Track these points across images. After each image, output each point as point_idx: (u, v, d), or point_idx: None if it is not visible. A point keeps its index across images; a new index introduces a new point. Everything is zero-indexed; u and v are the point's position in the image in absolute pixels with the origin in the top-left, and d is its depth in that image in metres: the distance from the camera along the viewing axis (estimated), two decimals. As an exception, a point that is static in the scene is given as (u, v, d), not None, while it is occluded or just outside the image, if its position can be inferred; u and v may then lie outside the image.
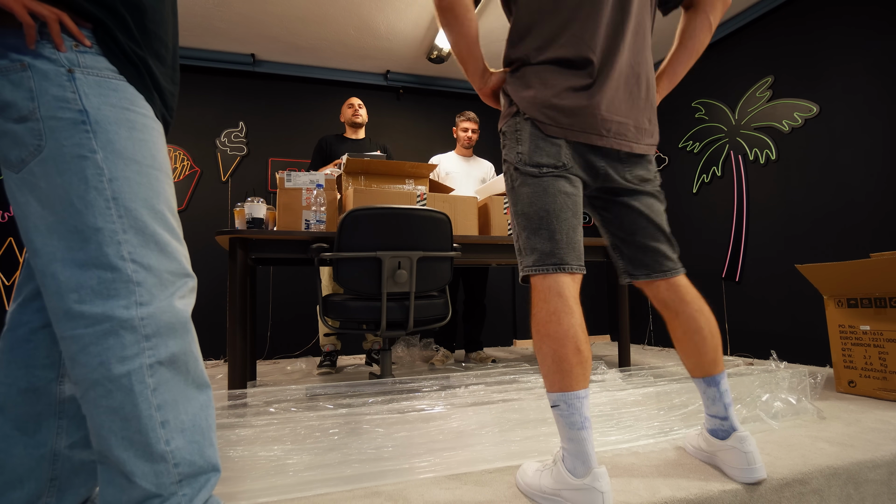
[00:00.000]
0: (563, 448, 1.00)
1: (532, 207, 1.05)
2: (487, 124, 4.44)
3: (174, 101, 0.93)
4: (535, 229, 1.05)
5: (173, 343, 0.78)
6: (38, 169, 0.73)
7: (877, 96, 2.57)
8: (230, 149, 3.82)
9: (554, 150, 1.04)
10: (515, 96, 1.09)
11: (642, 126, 1.12)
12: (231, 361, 1.91)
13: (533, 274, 1.05)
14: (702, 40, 1.19)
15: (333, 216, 2.16)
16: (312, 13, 3.29)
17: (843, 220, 2.70)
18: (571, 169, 1.06)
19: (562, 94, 1.04)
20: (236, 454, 1.12)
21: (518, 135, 1.07)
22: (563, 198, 1.05)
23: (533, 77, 1.07)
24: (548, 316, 1.00)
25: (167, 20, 0.90)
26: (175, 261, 0.82)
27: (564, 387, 0.97)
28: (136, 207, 0.78)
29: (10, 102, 0.73)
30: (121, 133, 0.77)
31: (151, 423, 0.75)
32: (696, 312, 1.14)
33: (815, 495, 1.14)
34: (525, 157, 1.05)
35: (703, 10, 1.17)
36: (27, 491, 0.84)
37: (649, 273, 1.17)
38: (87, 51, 0.77)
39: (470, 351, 3.27)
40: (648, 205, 1.16)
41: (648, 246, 1.16)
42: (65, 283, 0.73)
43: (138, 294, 0.76)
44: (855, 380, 2.02)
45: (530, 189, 1.05)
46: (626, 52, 1.08)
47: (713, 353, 1.14)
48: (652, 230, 1.16)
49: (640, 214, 1.15)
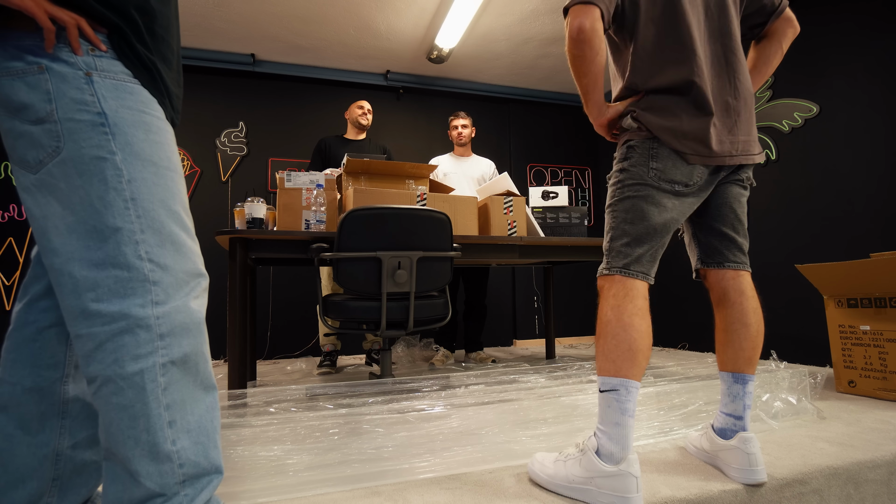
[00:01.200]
0: (604, 433, 1.03)
1: (644, 222, 1.12)
2: (483, 124, 4.45)
3: (180, 104, 0.95)
4: (637, 241, 1.12)
5: (186, 343, 0.79)
6: (58, 170, 0.75)
7: (877, 96, 2.57)
8: (230, 149, 3.83)
9: (688, 171, 1.13)
10: (650, 124, 1.14)
11: (753, 138, 1.21)
12: (231, 361, 1.91)
13: (619, 274, 1.12)
14: (774, 65, 1.30)
15: (333, 216, 2.16)
16: (312, 13, 3.29)
17: (844, 220, 2.70)
18: (698, 185, 1.15)
19: (698, 126, 1.12)
20: (236, 454, 1.12)
21: (654, 153, 1.13)
22: (671, 223, 1.14)
23: (664, 106, 1.14)
24: (634, 310, 1.07)
25: (172, 24, 0.91)
26: (190, 260, 0.83)
27: (630, 374, 1.03)
28: (153, 208, 0.79)
29: (27, 104, 0.74)
30: (138, 135, 0.79)
31: (160, 422, 0.75)
32: (750, 308, 1.19)
33: (815, 495, 1.14)
34: (661, 174, 1.13)
35: (778, 39, 1.27)
36: (29, 490, 0.84)
37: (721, 262, 1.23)
38: (103, 55, 0.78)
39: (470, 351, 3.27)
40: (737, 196, 1.23)
41: (727, 235, 1.22)
42: (82, 282, 0.74)
43: (154, 293, 0.77)
44: (855, 380, 2.02)
45: (649, 206, 1.13)
46: (735, 78, 1.18)
47: (752, 351, 1.17)
48: (734, 221, 1.22)
49: (726, 204, 1.22)
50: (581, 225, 2.60)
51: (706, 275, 1.26)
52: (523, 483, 1.14)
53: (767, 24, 1.25)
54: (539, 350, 3.88)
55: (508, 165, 4.47)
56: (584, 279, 4.53)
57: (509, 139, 4.52)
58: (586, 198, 4.73)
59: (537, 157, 4.58)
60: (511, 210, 2.43)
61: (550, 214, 2.59)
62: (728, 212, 1.22)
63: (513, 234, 2.42)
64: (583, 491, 1.02)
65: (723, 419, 1.20)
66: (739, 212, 1.23)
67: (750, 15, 1.26)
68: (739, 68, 1.19)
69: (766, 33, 1.28)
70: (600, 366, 1.07)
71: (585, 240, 2.50)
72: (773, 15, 1.24)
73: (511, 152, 4.50)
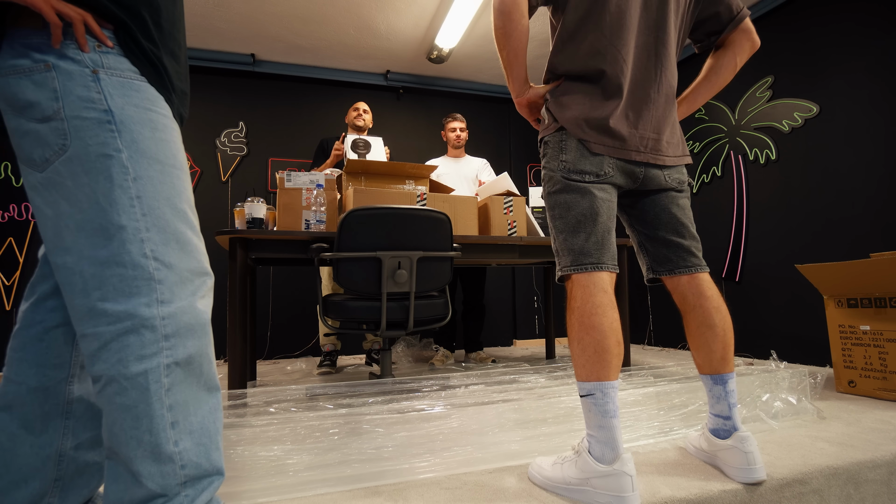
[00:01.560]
0: (591, 437, 1.03)
1: (571, 212, 1.12)
2: (483, 124, 4.45)
3: (187, 100, 0.95)
4: (573, 231, 1.11)
5: (191, 344, 0.79)
6: (64, 168, 0.74)
7: (877, 95, 2.57)
8: (230, 149, 3.83)
9: (597, 161, 1.12)
10: (559, 115, 1.15)
11: (673, 141, 1.20)
12: (231, 361, 1.91)
13: (574, 273, 1.11)
14: (725, 77, 1.26)
15: (333, 216, 2.16)
16: (312, 13, 3.29)
17: (844, 220, 2.70)
18: (612, 178, 1.14)
19: (603, 114, 1.11)
20: (236, 454, 1.12)
21: (563, 145, 1.14)
22: (599, 202, 1.12)
23: (574, 95, 1.14)
24: (593, 309, 1.05)
25: (179, 20, 0.91)
26: (195, 259, 0.83)
27: (602, 376, 1.02)
28: (158, 206, 0.79)
29: (33, 102, 0.74)
30: (144, 133, 0.79)
31: (162, 423, 0.75)
32: (712, 308, 1.17)
33: (815, 495, 1.14)
34: (570, 166, 1.13)
35: (733, 51, 1.23)
36: (31, 490, 0.84)
37: (672, 269, 1.21)
38: (110, 52, 0.78)
39: (470, 351, 3.27)
40: (673, 200, 1.21)
41: (672, 241, 1.21)
42: (90, 280, 0.74)
43: (159, 292, 0.77)
44: (855, 380, 2.02)
45: (570, 195, 1.12)
46: (661, 73, 1.16)
47: (723, 351, 1.16)
48: (676, 226, 1.21)
49: (664, 210, 1.20)
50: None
51: (664, 281, 1.25)
52: (523, 483, 1.14)
53: (723, 34, 1.22)
54: (539, 350, 3.88)
55: (508, 165, 4.47)
56: (584, 279, 4.53)
57: (509, 139, 4.52)
58: (586, 198, 4.73)
59: (537, 157, 4.58)
60: (511, 210, 2.43)
61: (550, 214, 2.59)
62: (668, 217, 1.20)
63: (513, 234, 2.42)
64: (580, 492, 1.03)
65: (713, 420, 1.20)
66: (680, 215, 1.21)
67: (704, 21, 1.23)
68: (668, 64, 1.17)
69: (721, 42, 1.25)
70: (576, 371, 1.07)
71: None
72: (728, 25, 1.21)
73: (511, 152, 4.50)
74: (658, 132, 1.16)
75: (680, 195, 1.22)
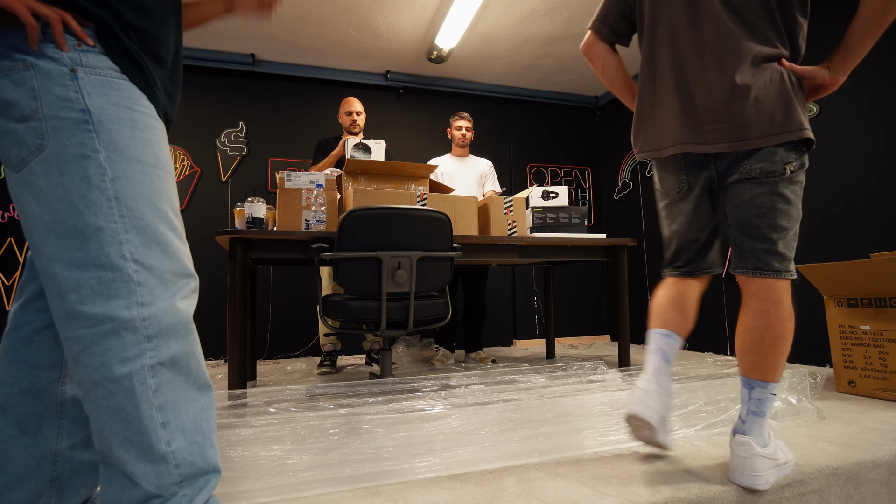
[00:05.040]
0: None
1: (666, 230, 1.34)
2: (484, 124, 4.45)
3: (177, 100, 0.93)
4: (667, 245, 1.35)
5: (175, 344, 0.78)
6: (39, 168, 0.73)
7: (877, 96, 2.57)
8: (230, 149, 3.82)
9: (672, 179, 1.25)
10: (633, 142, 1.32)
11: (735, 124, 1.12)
12: (231, 361, 1.91)
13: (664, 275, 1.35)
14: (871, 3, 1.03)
15: (333, 216, 2.16)
16: (312, 13, 3.29)
17: (844, 220, 2.70)
18: (687, 185, 1.23)
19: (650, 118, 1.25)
20: (236, 454, 1.12)
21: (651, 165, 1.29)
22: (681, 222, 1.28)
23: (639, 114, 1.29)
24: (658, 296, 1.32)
25: (168, 20, 0.89)
26: (177, 261, 0.82)
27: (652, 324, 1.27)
28: (138, 207, 0.77)
29: (12, 101, 0.73)
30: (123, 132, 0.77)
31: (152, 424, 0.74)
32: (753, 310, 1.14)
33: (815, 495, 1.14)
34: (657, 185, 1.32)
35: None
36: (27, 491, 0.84)
37: (734, 266, 1.22)
38: (90, 50, 0.77)
39: (470, 351, 3.27)
40: (740, 193, 1.15)
41: (735, 241, 1.21)
42: (65, 283, 0.73)
43: (139, 294, 0.75)
44: (855, 380, 2.02)
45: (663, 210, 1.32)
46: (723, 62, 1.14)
47: (750, 356, 1.13)
48: (741, 223, 1.17)
49: (731, 205, 1.19)
50: (581, 225, 2.60)
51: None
52: (523, 483, 1.14)
53: None
54: (539, 350, 3.88)
55: (508, 165, 4.47)
56: (583, 279, 4.53)
57: (509, 139, 4.52)
58: (586, 198, 4.73)
59: (537, 157, 4.58)
60: (511, 210, 2.43)
61: (550, 214, 2.59)
62: (734, 215, 1.17)
63: (513, 234, 2.41)
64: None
65: (736, 420, 1.19)
66: (745, 212, 1.14)
67: None
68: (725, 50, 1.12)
69: None
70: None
71: (585, 240, 2.50)
72: None
73: (511, 152, 4.50)
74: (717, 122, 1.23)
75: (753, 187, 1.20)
